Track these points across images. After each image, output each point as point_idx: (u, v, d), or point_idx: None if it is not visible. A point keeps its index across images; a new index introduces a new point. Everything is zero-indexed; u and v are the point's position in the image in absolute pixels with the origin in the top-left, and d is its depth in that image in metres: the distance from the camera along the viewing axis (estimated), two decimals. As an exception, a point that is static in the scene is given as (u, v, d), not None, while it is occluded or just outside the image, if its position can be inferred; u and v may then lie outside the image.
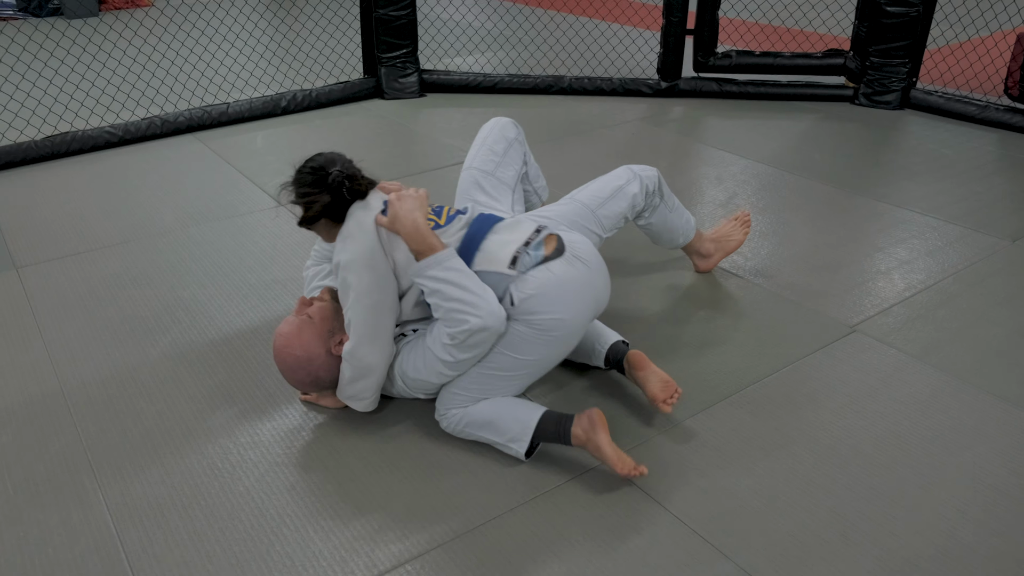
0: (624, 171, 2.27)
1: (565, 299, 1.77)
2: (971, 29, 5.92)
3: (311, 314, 1.85)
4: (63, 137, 3.60)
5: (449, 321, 1.70)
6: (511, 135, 2.36)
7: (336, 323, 1.86)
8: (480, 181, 2.27)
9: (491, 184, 2.26)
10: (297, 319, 1.85)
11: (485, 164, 2.30)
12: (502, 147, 2.33)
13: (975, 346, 2.19)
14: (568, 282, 1.78)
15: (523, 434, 1.75)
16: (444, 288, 1.69)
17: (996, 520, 1.62)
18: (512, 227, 1.90)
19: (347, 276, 1.77)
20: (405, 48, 4.37)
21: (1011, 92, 3.96)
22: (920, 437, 1.85)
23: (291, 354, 1.82)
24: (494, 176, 2.27)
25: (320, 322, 1.83)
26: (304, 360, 1.82)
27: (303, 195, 1.85)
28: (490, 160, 2.30)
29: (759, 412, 1.93)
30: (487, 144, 2.33)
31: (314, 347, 1.82)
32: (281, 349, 1.83)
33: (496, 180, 2.27)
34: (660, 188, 2.30)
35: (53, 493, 1.70)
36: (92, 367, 2.12)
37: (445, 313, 1.70)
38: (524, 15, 6.55)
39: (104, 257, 2.71)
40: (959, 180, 3.32)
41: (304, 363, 1.83)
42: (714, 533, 1.58)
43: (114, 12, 6.90)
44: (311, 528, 1.60)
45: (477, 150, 2.34)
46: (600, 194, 2.21)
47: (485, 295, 1.70)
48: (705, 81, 4.43)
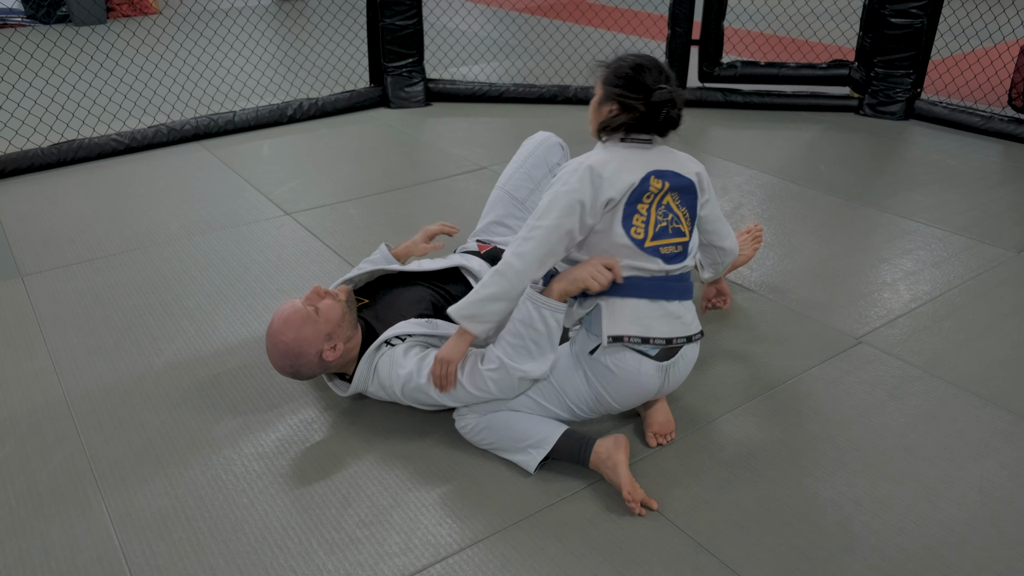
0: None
1: (629, 395, 1.74)
2: (975, 40, 5.92)
3: (319, 309, 1.81)
4: (69, 144, 3.62)
5: (516, 357, 1.68)
6: (554, 160, 2.31)
7: (339, 328, 1.83)
8: (506, 210, 2.25)
9: (517, 217, 2.26)
10: (304, 308, 1.80)
11: (518, 190, 2.28)
12: (540, 173, 2.30)
13: (981, 358, 2.18)
14: (644, 388, 1.73)
15: (543, 443, 1.73)
16: (540, 330, 1.67)
17: (1005, 534, 1.60)
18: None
19: (564, 177, 1.64)
20: (411, 57, 4.39)
21: (1015, 103, 3.95)
22: (927, 450, 1.84)
23: (283, 341, 1.79)
24: (523, 207, 2.27)
25: (324, 322, 1.81)
26: (293, 354, 1.80)
27: (619, 94, 1.65)
28: (524, 186, 2.28)
29: (765, 424, 1.92)
30: (526, 167, 2.30)
31: (308, 345, 1.79)
32: (276, 333, 1.80)
33: (524, 211, 2.27)
34: None
35: (56, 504, 1.69)
36: (96, 376, 2.12)
37: (516, 349, 1.68)
38: (530, 25, 6.57)
39: (109, 265, 2.71)
40: (964, 191, 3.31)
41: (292, 356, 1.80)
42: (720, 546, 1.57)
43: (121, 20, 6.94)
44: (315, 541, 1.60)
45: (514, 170, 2.31)
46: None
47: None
48: (710, 91, 4.44)
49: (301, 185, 3.36)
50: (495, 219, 2.30)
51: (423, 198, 3.26)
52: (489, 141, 3.92)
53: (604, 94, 1.71)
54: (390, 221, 3.04)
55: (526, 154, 2.34)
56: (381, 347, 1.85)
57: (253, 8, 7.56)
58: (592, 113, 1.75)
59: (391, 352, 1.83)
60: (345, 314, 1.85)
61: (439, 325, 1.89)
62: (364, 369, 1.84)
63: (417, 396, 1.80)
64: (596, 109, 1.74)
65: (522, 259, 1.63)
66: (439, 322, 1.90)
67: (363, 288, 2.12)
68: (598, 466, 1.71)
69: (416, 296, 1.99)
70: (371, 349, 1.84)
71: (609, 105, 1.69)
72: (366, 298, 2.04)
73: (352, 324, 1.86)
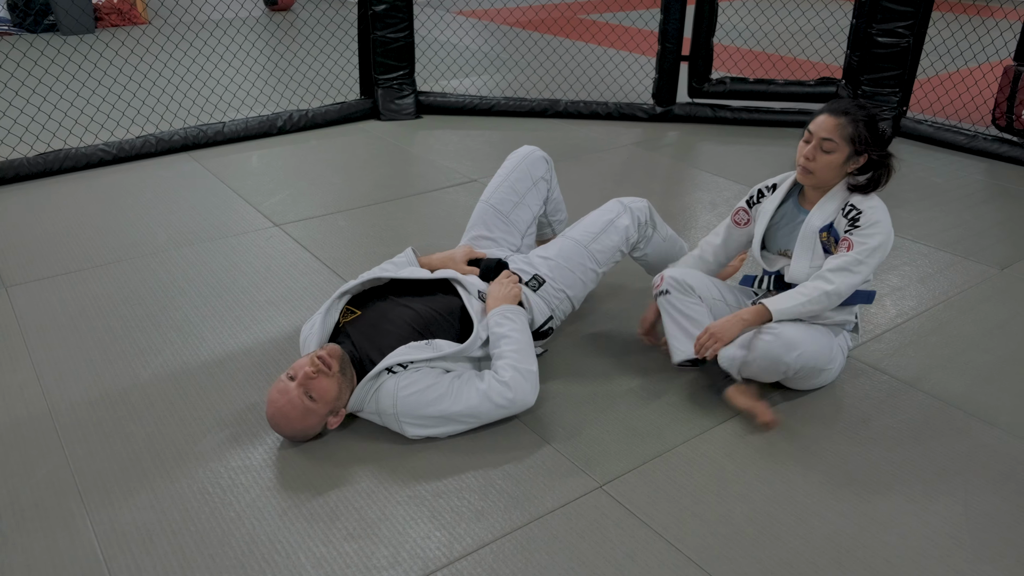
0: (614, 204, 2.28)
1: None
2: (959, 60, 6.01)
3: (314, 395, 1.78)
4: (56, 154, 3.59)
5: (525, 360, 1.90)
6: (538, 174, 2.35)
7: (337, 401, 1.82)
8: (491, 224, 2.29)
9: (503, 229, 2.29)
10: (299, 401, 1.77)
11: (502, 204, 2.31)
12: (525, 186, 2.33)
13: (966, 372, 2.20)
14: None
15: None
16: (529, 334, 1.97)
17: (988, 547, 1.61)
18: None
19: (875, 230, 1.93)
20: (402, 70, 4.40)
21: (999, 122, 4.01)
22: (913, 463, 1.85)
23: (289, 433, 1.83)
24: (507, 220, 2.29)
25: (322, 405, 1.80)
26: (301, 436, 1.85)
27: (872, 143, 1.93)
28: (508, 200, 2.31)
29: (754, 438, 1.93)
30: (510, 180, 2.33)
31: (312, 429, 1.84)
32: (279, 425, 1.81)
33: (509, 225, 2.29)
34: (652, 218, 2.31)
35: (39, 518, 1.67)
36: (81, 388, 2.10)
37: (522, 354, 1.91)
38: (521, 39, 6.61)
39: (95, 276, 2.69)
40: (949, 208, 3.35)
41: (301, 437, 1.86)
42: (709, 560, 1.57)
43: (110, 29, 6.93)
44: (303, 555, 1.59)
45: (499, 184, 2.34)
46: (591, 229, 2.23)
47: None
48: (699, 107, 4.47)
49: (290, 196, 3.35)
50: (480, 233, 2.30)
51: (413, 210, 3.26)
52: (479, 154, 3.94)
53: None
54: (380, 233, 3.04)
55: (510, 168, 2.35)
56: (381, 374, 1.84)
57: (243, 19, 7.56)
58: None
59: (395, 380, 1.83)
60: (340, 384, 1.83)
61: (439, 346, 1.89)
62: (361, 394, 1.85)
63: (435, 420, 1.85)
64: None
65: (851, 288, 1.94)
66: (437, 343, 1.90)
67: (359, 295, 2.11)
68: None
69: (407, 317, 1.97)
70: (370, 376, 1.83)
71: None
72: (358, 309, 2.03)
73: (348, 384, 1.85)
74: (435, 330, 1.96)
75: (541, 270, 2.18)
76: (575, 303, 2.24)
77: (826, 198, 1.99)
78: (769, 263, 2.13)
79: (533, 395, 1.89)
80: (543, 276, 2.16)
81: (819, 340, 1.97)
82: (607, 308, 2.51)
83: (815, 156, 1.93)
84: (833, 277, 1.92)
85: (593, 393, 2.09)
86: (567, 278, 2.19)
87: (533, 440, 1.91)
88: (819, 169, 1.94)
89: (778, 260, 2.11)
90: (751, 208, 2.15)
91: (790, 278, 2.05)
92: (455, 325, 2.01)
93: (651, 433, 1.94)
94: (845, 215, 1.95)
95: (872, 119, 1.93)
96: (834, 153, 1.92)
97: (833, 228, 1.98)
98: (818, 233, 1.99)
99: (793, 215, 2.07)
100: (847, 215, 1.95)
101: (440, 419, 1.84)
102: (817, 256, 2.00)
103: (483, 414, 1.87)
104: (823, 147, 1.91)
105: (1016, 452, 1.89)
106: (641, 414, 2.01)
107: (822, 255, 1.99)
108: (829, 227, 1.98)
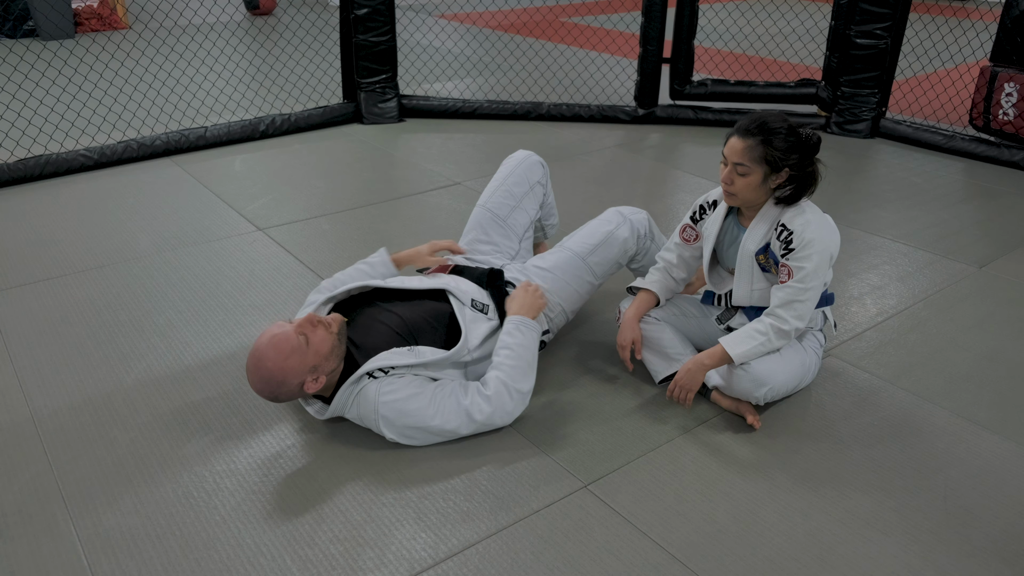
0: (613, 214, 2.26)
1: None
2: (937, 61, 6.08)
3: (311, 340, 1.79)
4: (36, 160, 3.57)
5: (517, 377, 1.90)
6: (535, 178, 2.34)
7: (325, 362, 1.81)
8: (488, 228, 2.28)
9: (500, 233, 2.29)
10: (294, 337, 1.77)
11: (500, 208, 2.30)
12: (521, 191, 2.32)
13: (945, 370, 2.23)
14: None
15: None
16: (535, 352, 1.96)
17: (969, 542, 1.64)
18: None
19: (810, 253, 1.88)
20: (385, 73, 4.40)
21: (976, 123, 4.07)
22: (893, 460, 1.87)
23: (266, 367, 1.76)
24: (505, 224, 2.29)
25: (312, 354, 1.79)
26: (275, 381, 1.78)
27: (789, 157, 1.87)
28: (505, 204, 2.30)
29: (736, 436, 1.95)
30: (507, 185, 2.32)
31: (291, 375, 1.78)
32: (260, 355, 1.77)
33: (506, 229, 2.29)
34: (651, 230, 2.30)
35: (22, 524, 1.66)
36: (64, 394, 2.09)
37: (517, 370, 1.90)
38: (503, 42, 6.63)
39: (78, 282, 2.68)
40: (928, 208, 3.40)
41: (273, 383, 1.78)
42: (693, 558, 1.59)
43: (90, 34, 6.87)
44: (288, 558, 1.59)
45: (495, 188, 2.33)
46: (589, 240, 2.21)
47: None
48: (681, 108, 4.51)
49: (274, 201, 3.34)
50: (477, 237, 2.30)
51: (397, 213, 3.26)
52: (463, 157, 3.94)
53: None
54: (364, 236, 3.04)
55: (507, 172, 2.35)
56: (362, 378, 1.84)
57: (225, 23, 7.53)
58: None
59: (376, 385, 1.82)
60: (334, 347, 1.83)
61: (421, 353, 1.88)
62: (343, 398, 1.85)
63: (413, 431, 1.84)
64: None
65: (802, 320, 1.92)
66: (420, 349, 1.89)
67: (343, 301, 2.09)
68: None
69: (395, 322, 1.96)
70: (351, 380, 1.83)
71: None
72: (344, 315, 2.01)
73: (339, 356, 1.85)
74: (419, 336, 1.94)
75: (538, 283, 2.14)
76: (570, 316, 2.24)
77: (757, 218, 1.95)
78: (720, 282, 2.11)
79: (513, 414, 1.89)
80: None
81: (788, 368, 1.96)
82: (590, 310, 2.53)
83: (732, 180, 1.89)
84: (784, 314, 1.89)
85: (577, 394, 2.10)
86: (564, 291, 2.18)
87: (518, 441, 1.92)
88: (739, 191, 1.90)
89: (729, 278, 2.10)
90: (696, 224, 2.12)
91: (736, 301, 2.04)
92: (441, 331, 1.98)
93: (635, 433, 1.95)
94: (779, 237, 1.90)
95: (788, 131, 1.86)
96: (749, 175, 1.87)
97: (770, 250, 1.95)
98: (754, 257, 1.97)
99: (734, 234, 2.04)
100: (780, 237, 1.90)
101: (418, 430, 1.84)
102: (757, 279, 1.99)
103: (461, 431, 1.87)
104: (737, 171, 1.87)
105: (994, 448, 1.92)
106: (625, 414, 2.02)
107: (762, 276, 1.98)
108: (765, 249, 1.95)
